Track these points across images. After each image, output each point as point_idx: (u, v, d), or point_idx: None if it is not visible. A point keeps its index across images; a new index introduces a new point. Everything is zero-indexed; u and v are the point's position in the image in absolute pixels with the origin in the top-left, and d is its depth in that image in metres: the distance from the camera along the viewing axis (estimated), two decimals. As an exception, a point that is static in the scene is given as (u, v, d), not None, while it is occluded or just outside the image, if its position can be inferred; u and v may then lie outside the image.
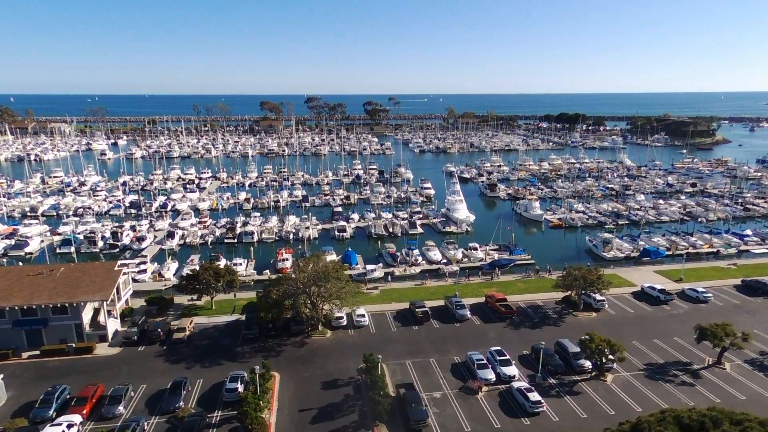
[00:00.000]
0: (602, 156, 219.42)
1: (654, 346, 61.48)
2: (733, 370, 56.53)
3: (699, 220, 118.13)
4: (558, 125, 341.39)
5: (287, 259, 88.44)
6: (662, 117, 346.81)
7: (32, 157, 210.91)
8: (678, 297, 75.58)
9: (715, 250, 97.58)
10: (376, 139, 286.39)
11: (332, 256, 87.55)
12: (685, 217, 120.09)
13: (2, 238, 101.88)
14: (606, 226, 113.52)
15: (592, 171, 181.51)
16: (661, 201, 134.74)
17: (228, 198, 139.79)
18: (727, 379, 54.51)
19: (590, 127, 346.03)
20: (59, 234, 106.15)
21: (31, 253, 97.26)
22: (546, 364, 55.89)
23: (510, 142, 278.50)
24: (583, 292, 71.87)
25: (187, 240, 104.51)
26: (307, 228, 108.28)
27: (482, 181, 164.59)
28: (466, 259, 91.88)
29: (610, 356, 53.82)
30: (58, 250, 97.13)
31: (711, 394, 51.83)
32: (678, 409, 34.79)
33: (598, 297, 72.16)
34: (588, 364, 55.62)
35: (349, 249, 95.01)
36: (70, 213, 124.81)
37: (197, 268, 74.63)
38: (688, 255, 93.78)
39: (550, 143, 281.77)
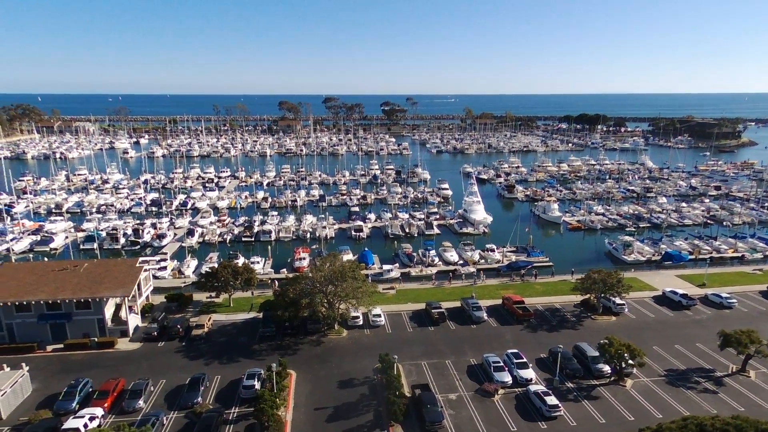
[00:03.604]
0: (623, 158, 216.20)
1: (675, 352, 60.30)
2: (758, 378, 55.12)
3: (723, 223, 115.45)
4: (578, 126, 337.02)
5: (304, 258, 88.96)
6: (685, 118, 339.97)
7: (57, 155, 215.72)
8: (701, 302, 74.03)
9: (740, 254, 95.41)
10: (393, 140, 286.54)
11: (349, 256, 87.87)
12: (708, 221, 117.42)
13: (29, 234, 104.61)
14: (626, 229, 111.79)
15: (613, 173, 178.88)
16: (683, 204, 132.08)
17: (246, 197, 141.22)
18: (752, 388, 53.15)
19: (611, 129, 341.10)
20: (83, 231, 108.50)
21: (56, 249, 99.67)
22: (564, 368, 55.27)
23: (528, 143, 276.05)
24: (602, 295, 70.88)
25: (206, 238, 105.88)
26: (324, 227, 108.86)
27: (500, 183, 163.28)
28: (482, 261, 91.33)
29: (630, 361, 52.89)
30: (81, 247, 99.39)
31: (734, 402, 50.57)
32: (701, 417, 34.13)
33: (618, 301, 71.10)
34: (607, 368, 54.80)
35: (366, 249, 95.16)
36: (94, 210, 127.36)
37: (216, 265, 75.54)
38: (712, 259, 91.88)
39: (570, 144, 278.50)
